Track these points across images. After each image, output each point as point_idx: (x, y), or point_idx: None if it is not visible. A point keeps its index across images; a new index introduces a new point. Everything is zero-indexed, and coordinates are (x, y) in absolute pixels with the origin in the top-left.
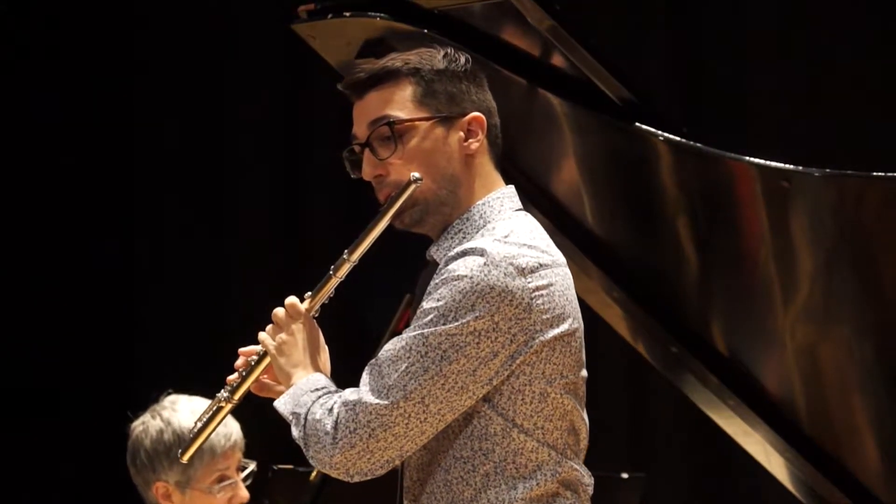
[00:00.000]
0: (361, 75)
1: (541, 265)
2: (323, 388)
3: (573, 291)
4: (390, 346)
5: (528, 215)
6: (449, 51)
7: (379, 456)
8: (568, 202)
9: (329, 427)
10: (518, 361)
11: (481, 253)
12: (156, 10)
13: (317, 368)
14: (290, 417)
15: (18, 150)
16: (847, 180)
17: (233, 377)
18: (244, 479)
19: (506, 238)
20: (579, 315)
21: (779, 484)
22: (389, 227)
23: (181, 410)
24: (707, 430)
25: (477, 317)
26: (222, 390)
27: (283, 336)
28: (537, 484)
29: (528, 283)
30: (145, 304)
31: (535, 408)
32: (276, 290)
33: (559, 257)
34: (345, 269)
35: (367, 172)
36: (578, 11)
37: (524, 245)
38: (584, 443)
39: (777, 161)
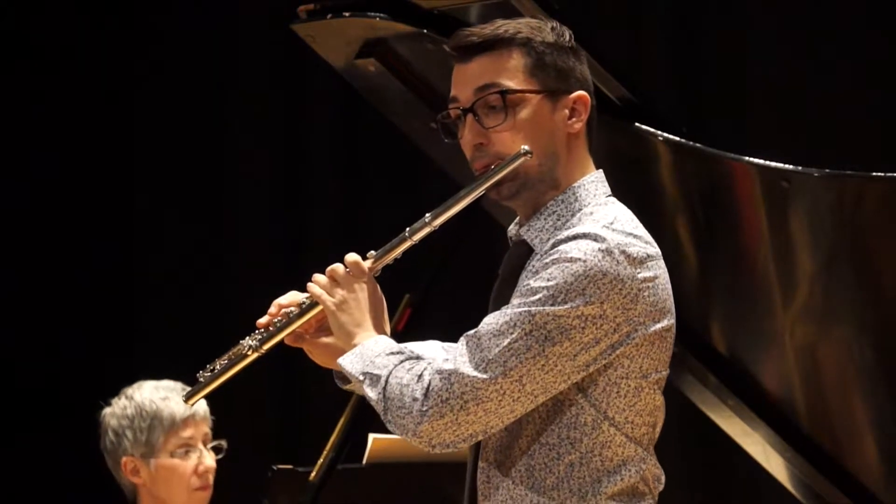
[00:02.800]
0: (473, 38)
1: (648, 256)
2: (399, 351)
3: (670, 286)
4: (492, 320)
5: (619, 203)
6: (556, 25)
7: (465, 429)
8: None
9: (419, 394)
10: (617, 353)
11: (595, 238)
12: (156, 9)
13: (381, 331)
14: (362, 378)
15: (18, 150)
16: (846, 180)
17: (263, 322)
18: (219, 456)
19: (612, 225)
20: (674, 309)
21: (779, 484)
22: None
23: (145, 388)
24: (707, 430)
25: (587, 302)
26: (248, 338)
27: (343, 293)
28: (621, 479)
29: (638, 273)
30: (145, 304)
31: (629, 402)
32: (276, 290)
33: (658, 249)
34: (422, 234)
35: (469, 140)
36: (578, 11)
37: (631, 234)
38: (657, 434)
39: (777, 161)
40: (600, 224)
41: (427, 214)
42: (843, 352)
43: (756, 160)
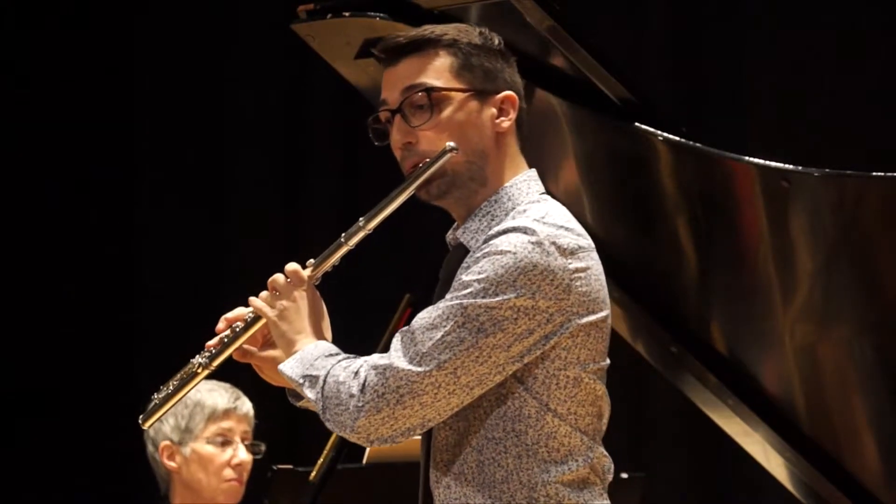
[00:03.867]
0: (400, 40)
1: (580, 247)
2: (338, 353)
3: (604, 277)
4: (425, 315)
5: (553, 200)
6: (484, 30)
7: (402, 423)
8: (567, 202)
9: (355, 389)
10: (552, 343)
11: (525, 230)
12: (155, 8)
13: (322, 337)
14: (302, 381)
15: (19, 150)
16: (846, 180)
17: (213, 342)
18: (256, 457)
19: (543, 219)
20: (608, 301)
21: (779, 484)
22: (402, 213)
23: None
24: (707, 430)
25: (519, 294)
26: (198, 356)
27: (284, 302)
28: (569, 469)
29: (569, 264)
30: (145, 305)
31: (569, 393)
32: None
33: (591, 242)
34: (357, 238)
35: (397, 139)
36: (578, 11)
37: (562, 227)
38: (605, 425)
39: (777, 161)
40: (531, 218)
41: (361, 218)
42: (843, 352)
43: (756, 160)
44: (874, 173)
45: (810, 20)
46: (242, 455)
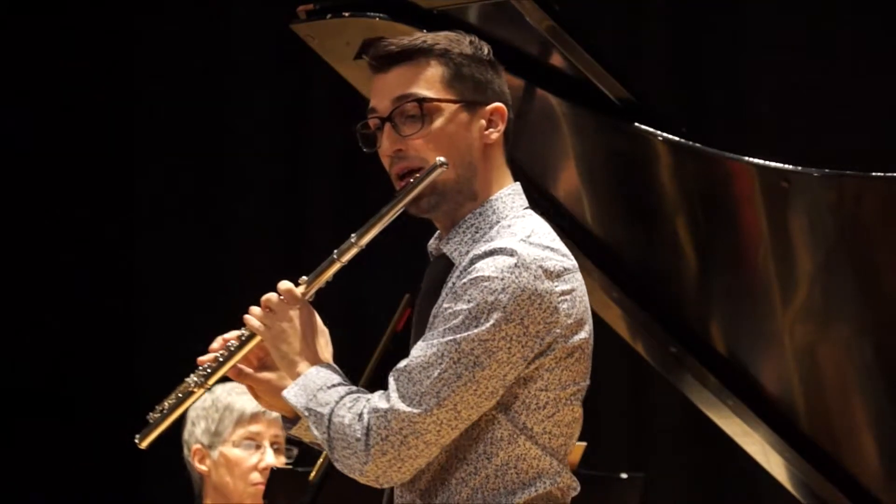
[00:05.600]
0: (392, 49)
1: (565, 269)
2: (339, 383)
3: (587, 298)
4: (419, 353)
5: (537, 215)
6: (474, 38)
7: (410, 463)
8: (567, 202)
9: (360, 434)
10: (536, 364)
11: (511, 253)
12: (154, 9)
13: (320, 356)
14: (307, 413)
15: (19, 153)
16: (846, 180)
17: (205, 357)
18: (288, 461)
19: (529, 238)
20: (591, 321)
21: (778, 484)
22: (397, 220)
23: (228, 384)
24: (707, 430)
25: (508, 319)
26: (192, 374)
27: (281, 323)
28: (535, 491)
29: (555, 286)
30: (146, 306)
31: (548, 413)
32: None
33: (575, 262)
34: (350, 254)
35: (387, 147)
36: (578, 11)
37: (548, 248)
38: (571, 448)
39: (777, 161)
40: (517, 238)
41: (352, 235)
42: (843, 352)
43: (756, 160)
44: (874, 173)
45: (810, 20)
46: (270, 459)
